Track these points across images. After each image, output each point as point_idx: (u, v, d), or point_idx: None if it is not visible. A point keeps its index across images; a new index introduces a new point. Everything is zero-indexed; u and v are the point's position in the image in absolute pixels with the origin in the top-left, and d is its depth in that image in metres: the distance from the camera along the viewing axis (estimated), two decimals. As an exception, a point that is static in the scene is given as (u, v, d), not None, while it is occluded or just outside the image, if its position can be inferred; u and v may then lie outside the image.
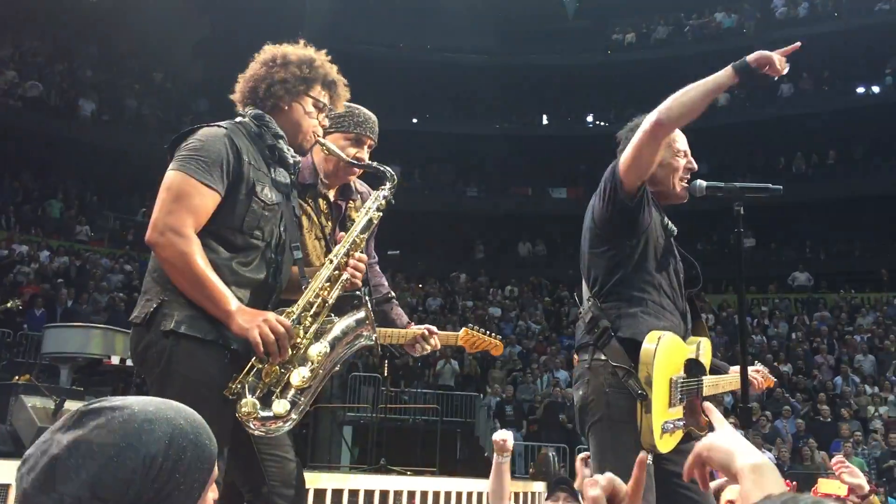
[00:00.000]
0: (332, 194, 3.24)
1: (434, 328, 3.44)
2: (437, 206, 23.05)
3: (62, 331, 8.12)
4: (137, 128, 21.26)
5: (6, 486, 4.20)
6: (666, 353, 2.74)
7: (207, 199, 2.44)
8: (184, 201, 2.40)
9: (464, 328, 3.71)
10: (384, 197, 2.81)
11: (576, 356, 3.14)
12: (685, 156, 3.09)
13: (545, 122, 27.16)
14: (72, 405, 6.11)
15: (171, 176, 2.45)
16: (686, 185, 3.07)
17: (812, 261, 22.59)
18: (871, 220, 22.33)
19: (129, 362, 7.35)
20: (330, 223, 3.22)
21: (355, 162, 2.85)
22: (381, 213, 2.79)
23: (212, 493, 1.33)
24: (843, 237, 23.32)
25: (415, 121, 25.88)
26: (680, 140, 3.11)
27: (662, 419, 2.74)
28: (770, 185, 2.98)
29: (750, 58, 2.75)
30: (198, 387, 2.31)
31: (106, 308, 14.81)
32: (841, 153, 23.53)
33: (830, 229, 23.31)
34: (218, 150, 2.48)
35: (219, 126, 2.58)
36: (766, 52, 2.74)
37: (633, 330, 2.79)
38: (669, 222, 3.06)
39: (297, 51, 2.73)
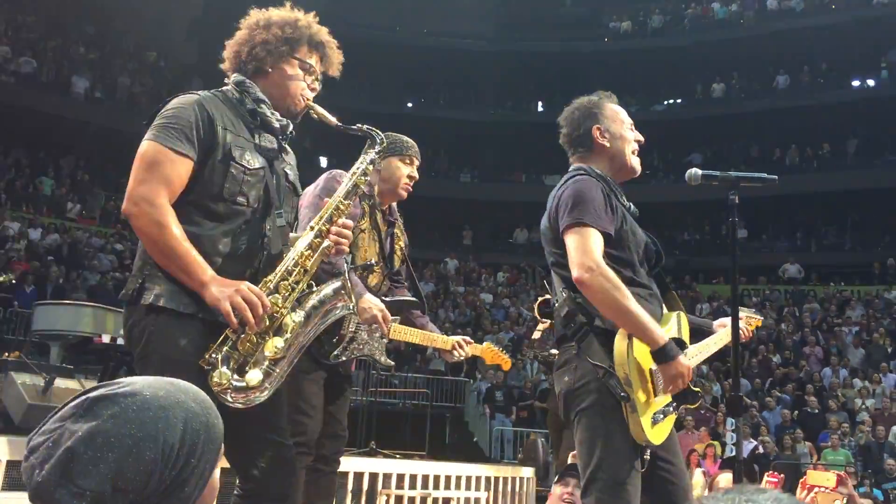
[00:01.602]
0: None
1: (468, 339, 3.96)
2: (431, 192, 23.02)
3: (53, 308, 8.06)
4: (130, 106, 21.14)
5: (-4, 462, 4.20)
6: (640, 346, 2.70)
7: (179, 166, 2.40)
8: (155, 170, 2.37)
9: (486, 342, 4.44)
10: (371, 161, 2.74)
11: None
12: (632, 128, 3.08)
13: (540, 108, 27.13)
14: (61, 383, 6.09)
15: (143, 146, 2.42)
16: (637, 159, 3.06)
17: (803, 253, 22.67)
18: (864, 214, 22.42)
19: (119, 341, 7.33)
20: (384, 230, 3.63)
21: (343, 125, 2.76)
22: (366, 178, 2.72)
23: (217, 470, 1.32)
24: (835, 230, 23.41)
25: (410, 105, 25.83)
26: (623, 112, 3.11)
27: (651, 412, 2.71)
28: (765, 175, 2.97)
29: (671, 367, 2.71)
30: (174, 365, 2.27)
31: (95, 286, 14.77)
32: (835, 146, 23.57)
33: (822, 222, 23.39)
34: (187, 115, 2.45)
35: (192, 93, 2.54)
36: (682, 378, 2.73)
37: (611, 322, 2.75)
38: (631, 204, 3.03)
39: (281, 13, 2.68)
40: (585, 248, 2.71)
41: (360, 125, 2.82)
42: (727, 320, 3.09)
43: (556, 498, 3.93)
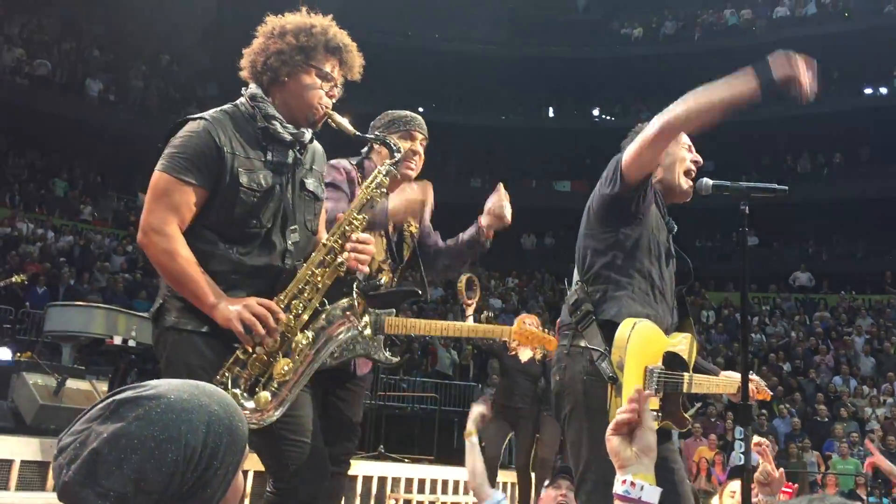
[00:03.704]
0: None
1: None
2: (441, 197, 22.91)
3: (65, 309, 8.10)
4: (143, 109, 21.26)
5: (9, 462, 4.24)
6: (641, 340, 2.70)
7: (188, 195, 2.44)
8: (164, 199, 2.43)
9: (517, 322, 3.86)
10: (386, 173, 2.67)
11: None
12: (690, 150, 3.09)
13: (551, 114, 27.13)
14: (73, 383, 6.13)
15: (154, 177, 2.48)
16: (692, 182, 3.08)
17: (814, 261, 22.59)
18: (875, 222, 22.30)
19: (131, 343, 7.37)
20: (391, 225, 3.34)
21: (360, 135, 2.74)
22: (383, 191, 2.66)
23: (240, 473, 1.34)
24: (847, 238, 23.31)
25: (421, 110, 25.78)
26: (684, 135, 3.10)
27: None
28: (776, 186, 2.97)
29: (777, 73, 2.57)
30: (199, 372, 2.34)
31: (107, 288, 14.84)
32: (847, 154, 23.49)
33: (833, 230, 23.28)
34: (195, 145, 2.46)
35: (199, 118, 2.54)
36: (793, 68, 2.55)
37: (615, 311, 2.78)
38: (671, 220, 3.06)
39: (296, 19, 2.62)
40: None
41: (377, 135, 2.80)
42: (735, 374, 3.12)
43: (550, 500, 3.91)
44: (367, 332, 3.12)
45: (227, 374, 2.38)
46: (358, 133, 2.72)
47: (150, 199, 2.45)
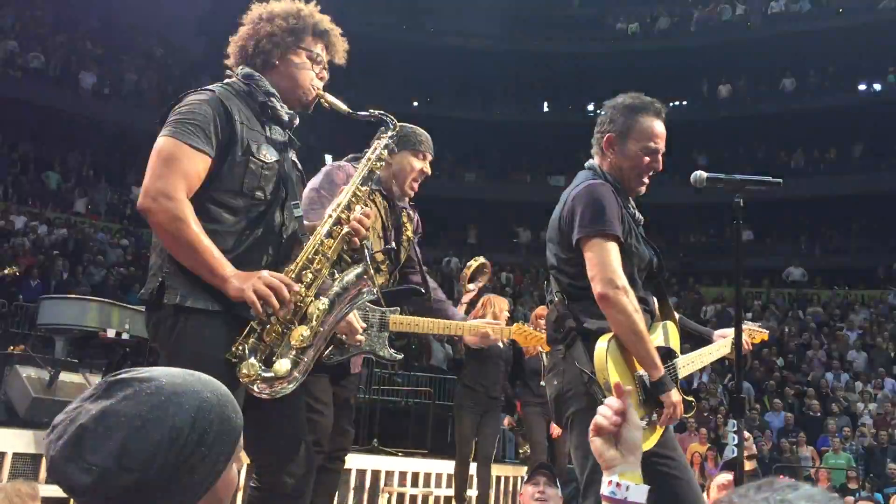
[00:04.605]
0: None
1: (496, 322, 4.07)
2: (436, 191, 23.00)
3: (58, 302, 8.05)
4: (136, 102, 21.19)
5: (1, 455, 4.23)
6: (620, 352, 2.71)
7: (197, 162, 2.39)
8: (173, 165, 2.36)
9: (516, 324, 4.03)
10: (385, 146, 2.73)
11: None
12: (655, 152, 3.00)
13: (546, 109, 27.11)
14: (66, 376, 6.11)
15: (161, 142, 2.41)
16: (646, 182, 3.01)
17: (807, 256, 22.63)
18: (868, 218, 22.36)
19: (124, 336, 7.35)
20: (390, 223, 3.51)
21: (354, 112, 2.73)
22: (382, 163, 2.73)
23: (236, 465, 1.33)
24: (840, 234, 23.37)
25: (415, 104, 25.81)
26: (657, 132, 3.03)
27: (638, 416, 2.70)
28: (770, 178, 2.98)
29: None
30: (206, 362, 2.26)
31: (100, 281, 14.80)
32: (841, 150, 23.54)
33: (827, 225, 23.33)
34: (205, 112, 2.44)
35: (207, 89, 2.54)
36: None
37: (599, 326, 2.76)
38: (636, 212, 3.00)
39: (283, 4, 2.68)
40: (608, 263, 2.70)
41: (371, 110, 2.80)
42: (728, 331, 3.10)
43: (528, 497, 3.91)
44: (374, 328, 3.26)
45: (241, 346, 2.35)
46: (350, 111, 2.74)
47: (158, 164, 2.36)
